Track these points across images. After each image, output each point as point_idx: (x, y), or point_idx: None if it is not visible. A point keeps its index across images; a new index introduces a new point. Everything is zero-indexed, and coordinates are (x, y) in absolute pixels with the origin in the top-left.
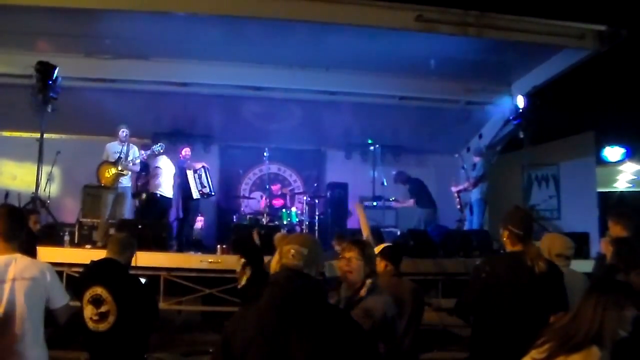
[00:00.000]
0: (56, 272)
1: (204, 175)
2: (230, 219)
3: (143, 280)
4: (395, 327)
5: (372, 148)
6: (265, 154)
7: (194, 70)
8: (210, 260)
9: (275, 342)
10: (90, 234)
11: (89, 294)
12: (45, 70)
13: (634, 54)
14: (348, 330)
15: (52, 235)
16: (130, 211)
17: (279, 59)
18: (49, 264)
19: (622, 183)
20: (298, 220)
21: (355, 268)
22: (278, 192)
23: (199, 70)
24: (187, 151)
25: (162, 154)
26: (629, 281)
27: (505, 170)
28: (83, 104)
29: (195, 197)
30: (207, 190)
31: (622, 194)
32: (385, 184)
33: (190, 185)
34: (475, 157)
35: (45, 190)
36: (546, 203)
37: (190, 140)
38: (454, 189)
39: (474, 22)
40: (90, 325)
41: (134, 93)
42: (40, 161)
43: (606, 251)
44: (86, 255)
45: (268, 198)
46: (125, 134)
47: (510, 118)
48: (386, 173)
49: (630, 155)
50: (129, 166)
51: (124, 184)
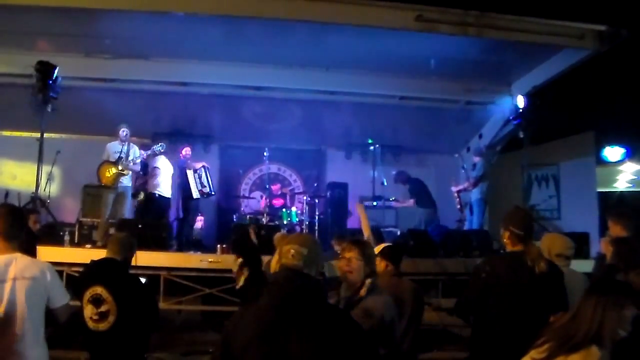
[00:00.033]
0: (56, 272)
1: (204, 175)
2: (230, 219)
3: (143, 280)
4: (394, 330)
5: (372, 148)
6: (265, 154)
7: (194, 70)
8: (210, 260)
9: (275, 342)
10: (90, 233)
11: (89, 294)
12: (45, 70)
13: (634, 54)
14: (348, 330)
15: (52, 234)
16: (129, 211)
17: (279, 59)
18: (49, 264)
19: (622, 183)
20: (298, 220)
21: (355, 268)
22: (278, 192)
23: (199, 70)
24: (188, 151)
25: (162, 154)
26: (629, 281)
27: (505, 170)
28: (83, 103)
29: (195, 197)
30: (207, 190)
31: (622, 194)
32: (385, 183)
33: (190, 185)
34: (475, 157)
35: (45, 190)
36: (546, 203)
37: (190, 140)
38: (454, 189)
39: (474, 22)
40: (90, 324)
41: (134, 93)
42: (40, 161)
43: (606, 251)
44: (86, 254)
45: (268, 198)
46: (125, 134)
47: (510, 118)
48: (386, 173)
49: (630, 155)
50: (130, 166)
51: (125, 183)
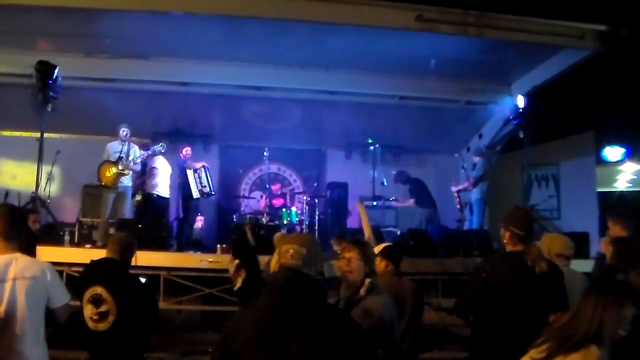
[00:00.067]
0: (56, 272)
1: (204, 174)
2: (230, 219)
3: (143, 280)
4: (394, 330)
5: (372, 148)
6: (265, 154)
7: (194, 70)
8: (210, 259)
9: (275, 342)
10: (90, 233)
11: (88, 294)
12: (45, 69)
13: (634, 54)
14: (347, 330)
15: (52, 234)
16: (128, 211)
17: (279, 59)
18: (49, 263)
19: (622, 183)
20: (298, 220)
21: (355, 268)
22: (278, 192)
23: (199, 70)
24: (188, 150)
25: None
26: (629, 281)
27: (505, 170)
28: (83, 103)
29: (195, 197)
30: (207, 189)
31: (622, 194)
32: (385, 183)
33: (190, 185)
34: (475, 157)
35: (45, 189)
36: (546, 203)
37: (190, 140)
38: (454, 189)
39: (474, 22)
40: (90, 324)
41: (134, 93)
42: (40, 161)
43: (606, 251)
44: (86, 254)
45: (268, 198)
46: (125, 134)
47: (510, 118)
48: (386, 173)
49: (630, 155)
50: (130, 166)
51: (125, 183)
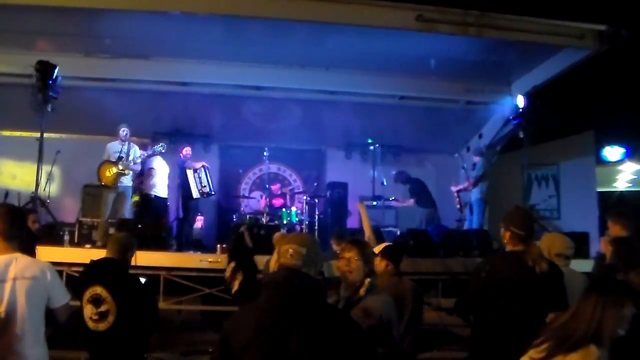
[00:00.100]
0: (56, 272)
1: (204, 174)
2: (230, 219)
3: (143, 280)
4: (393, 329)
5: (372, 148)
6: (265, 154)
7: (194, 70)
8: (210, 259)
9: (274, 342)
10: (90, 233)
11: (88, 294)
12: (45, 69)
13: (634, 54)
14: (347, 330)
15: (52, 234)
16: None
17: (279, 59)
18: (49, 263)
19: (622, 183)
20: (298, 219)
21: (354, 268)
22: (278, 192)
23: (199, 70)
24: (188, 150)
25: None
26: (629, 281)
27: (505, 170)
28: (83, 103)
29: (195, 197)
30: (207, 189)
31: (622, 194)
32: (385, 183)
33: (190, 185)
34: (475, 157)
35: (45, 189)
36: (546, 203)
37: (190, 140)
38: (454, 189)
39: (474, 22)
40: (90, 324)
41: (134, 93)
42: (40, 161)
43: (606, 251)
44: (86, 254)
45: (268, 198)
46: (125, 134)
47: (510, 118)
48: (386, 173)
49: (629, 155)
50: (130, 165)
51: (125, 183)
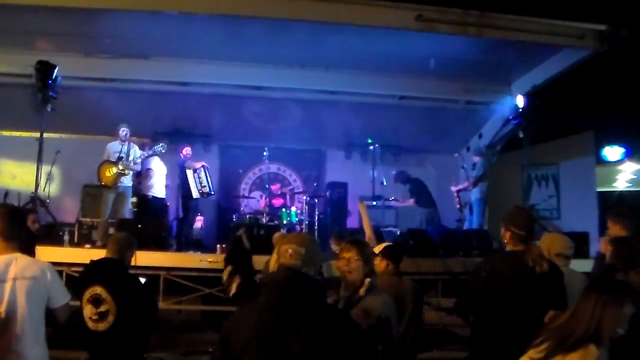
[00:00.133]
0: (56, 272)
1: (204, 174)
2: (230, 219)
3: (143, 280)
4: (392, 327)
5: (372, 148)
6: (265, 154)
7: (194, 70)
8: (209, 259)
9: (274, 342)
10: (90, 233)
11: (88, 294)
12: (45, 69)
13: (634, 54)
14: (346, 330)
15: (52, 234)
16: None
17: (279, 59)
18: (49, 263)
19: (622, 183)
20: (298, 219)
21: (354, 268)
22: (278, 192)
23: (199, 70)
24: (188, 150)
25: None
26: (629, 281)
27: (505, 170)
28: (83, 103)
29: (195, 197)
30: (207, 189)
31: (622, 194)
32: (385, 183)
33: (190, 185)
34: (475, 157)
35: (44, 189)
36: (546, 203)
37: (190, 140)
38: (454, 189)
39: (474, 22)
40: (90, 324)
41: (134, 93)
42: (39, 160)
43: (605, 251)
44: (86, 254)
45: (268, 197)
46: (125, 134)
47: (510, 118)
48: (386, 173)
49: (629, 154)
50: (130, 165)
51: (125, 183)
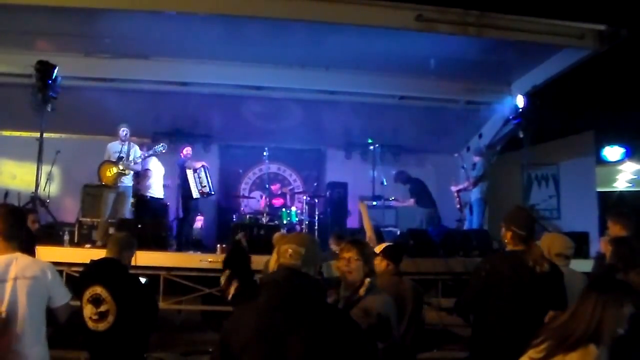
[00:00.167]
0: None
1: (204, 174)
2: (230, 219)
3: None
4: (392, 325)
5: (372, 148)
6: (265, 154)
7: (194, 70)
8: (210, 259)
9: (274, 342)
10: (90, 233)
11: (88, 294)
12: (45, 69)
13: (634, 54)
14: (346, 329)
15: (52, 234)
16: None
17: (279, 59)
18: (50, 263)
19: (622, 183)
20: (298, 219)
21: (354, 268)
22: (278, 192)
23: (199, 70)
24: (188, 150)
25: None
26: (629, 281)
27: (505, 170)
28: (83, 103)
29: (195, 197)
30: (207, 189)
31: (622, 194)
32: (385, 183)
33: (190, 185)
34: (475, 157)
35: (45, 189)
36: (546, 203)
37: (190, 140)
38: (454, 189)
39: (474, 22)
40: (90, 324)
41: (134, 92)
42: (39, 160)
43: (606, 251)
44: (86, 254)
45: (268, 197)
46: (125, 134)
47: (510, 118)
48: (386, 173)
49: (629, 154)
50: (131, 165)
51: (126, 183)
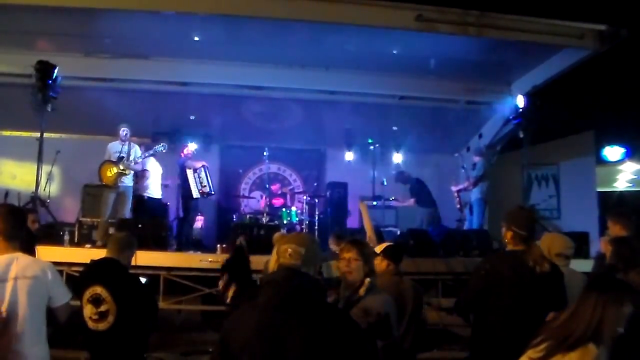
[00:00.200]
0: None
1: (204, 174)
2: (230, 219)
3: (143, 280)
4: (391, 324)
5: (372, 148)
6: (265, 154)
7: (194, 70)
8: (210, 259)
9: (274, 341)
10: (90, 233)
11: (88, 294)
12: (45, 69)
13: (634, 54)
14: (346, 329)
15: (52, 234)
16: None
17: (279, 59)
18: (50, 263)
19: (622, 183)
20: (298, 219)
21: (354, 268)
22: (278, 192)
23: (199, 70)
24: (189, 149)
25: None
26: (629, 280)
27: (505, 170)
28: (83, 103)
29: (195, 197)
30: (207, 189)
31: (622, 194)
32: (385, 183)
33: (190, 185)
34: (475, 157)
35: (45, 189)
36: (546, 203)
37: (190, 140)
38: (454, 189)
39: (474, 22)
40: (90, 324)
41: (134, 93)
42: (40, 160)
43: (606, 251)
44: (86, 254)
45: (268, 197)
46: (125, 134)
47: (510, 118)
48: (386, 173)
49: (630, 154)
50: (131, 165)
51: (126, 183)
